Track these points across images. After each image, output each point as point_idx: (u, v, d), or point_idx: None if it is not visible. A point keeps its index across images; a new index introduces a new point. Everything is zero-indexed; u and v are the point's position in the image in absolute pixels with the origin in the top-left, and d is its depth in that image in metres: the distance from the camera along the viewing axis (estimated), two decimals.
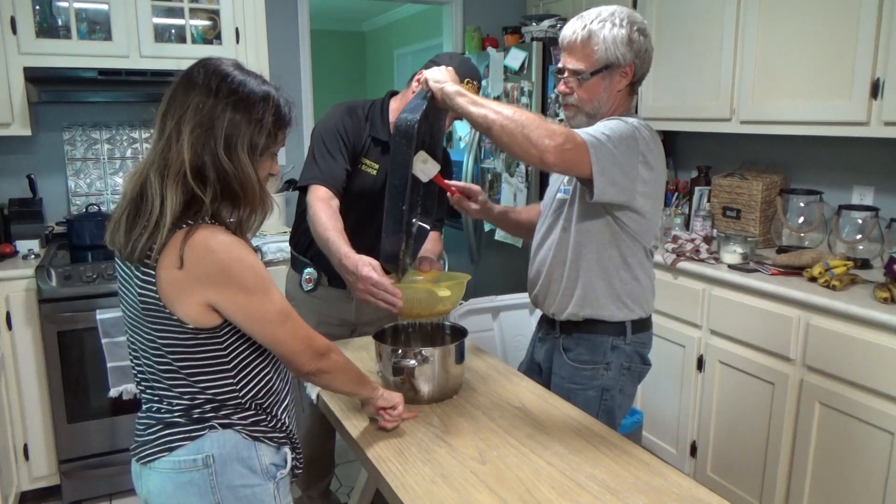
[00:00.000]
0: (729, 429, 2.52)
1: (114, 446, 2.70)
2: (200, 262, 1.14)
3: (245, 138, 1.18)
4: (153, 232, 1.14)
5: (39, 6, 2.75)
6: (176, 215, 1.14)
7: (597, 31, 1.60)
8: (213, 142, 1.16)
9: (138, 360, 1.26)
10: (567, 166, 1.51)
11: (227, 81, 1.19)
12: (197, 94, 1.18)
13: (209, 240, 1.15)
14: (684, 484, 1.27)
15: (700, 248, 2.71)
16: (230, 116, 1.17)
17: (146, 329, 1.20)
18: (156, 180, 1.16)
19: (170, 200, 1.14)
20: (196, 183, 1.16)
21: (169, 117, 1.19)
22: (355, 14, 7.00)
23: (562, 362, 1.76)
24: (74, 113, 3.13)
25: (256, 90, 1.21)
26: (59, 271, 2.56)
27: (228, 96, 1.18)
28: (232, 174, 1.18)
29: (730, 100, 2.72)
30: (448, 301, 1.66)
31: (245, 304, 1.18)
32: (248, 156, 1.19)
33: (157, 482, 1.23)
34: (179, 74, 1.23)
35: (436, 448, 1.40)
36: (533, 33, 3.42)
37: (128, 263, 1.20)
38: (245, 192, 1.20)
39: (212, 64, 1.22)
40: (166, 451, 1.22)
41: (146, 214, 1.15)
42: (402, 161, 1.57)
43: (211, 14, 3.03)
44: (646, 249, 1.71)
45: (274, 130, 1.23)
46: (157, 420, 1.24)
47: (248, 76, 1.22)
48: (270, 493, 1.28)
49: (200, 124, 1.16)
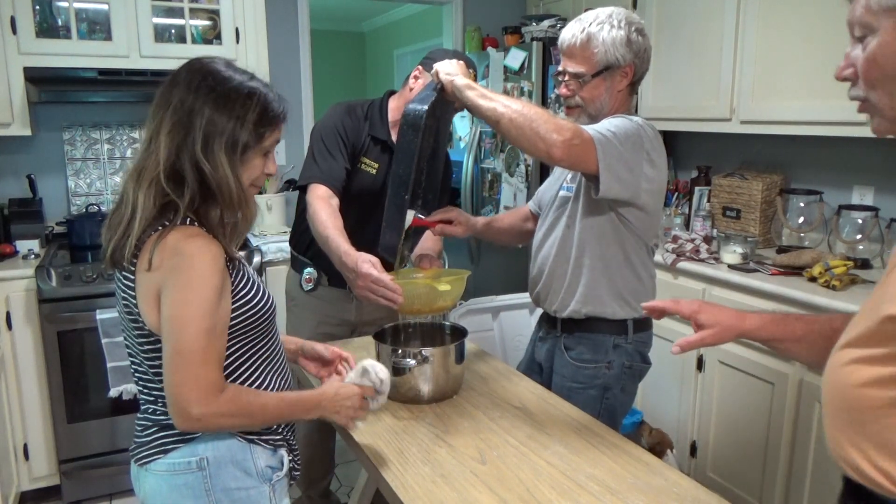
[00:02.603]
0: (729, 429, 2.52)
1: (114, 446, 2.70)
2: (164, 262, 1.11)
3: (224, 137, 1.14)
4: (124, 236, 1.13)
5: (39, 6, 2.75)
6: (148, 220, 1.12)
7: (595, 34, 1.62)
8: (190, 141, 1.13)
9: (134, 360, 1.26)
10: (574, 161, 1.52)
11: (209, 80, 1.16)
12: (178, 92, 1.15)
13: (179, 242, 1.12)
14: (684, 484, 1.27)
15: (700, 248, 2.71)
16: (209, 114, 1.14)
17: (135, 332, 1.20)
18: (130, 185, 1.15)
19: (141, 205, 1.12)
20: (170, 185, 1.13)
21: (153, 118, 1.17)
22: (355, 14, 7.00)
23: (563, 361, 1.76)
24: (74, 113, 3.13)
25: (239, 87, 1.17)
26: (59, 271, 2.56)
27: (208, 93, 1.14)
28: (209, 174, 1.14)
29: (730, 100, 2.72)
30: (448, 296, 1.66)
31: (171, 304, 1.10)
32: (226, 156, 1.15)
33: (152, 484, 1.23)
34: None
35: (436, 448, 1.40)
36: (533, 33, 3.42)
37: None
38: (222, 194, 1.15)
39: (197, 62, 1.20)
40: (161, 454, 1.21)
41: (118, 217, 1.15)
42: (408, 151, 1.56)
43: (211, 14, 3.03)
44: (648, 247, 1.72)
45: (257, 129, 1.17)
46: (153, 422, 1.24)
47: (235, 73, 1.19)
48: (266, 495, 1.27)
49: (179, 123, 1.14)
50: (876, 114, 0.85)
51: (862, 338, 0.83)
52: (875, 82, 0.82)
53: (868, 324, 0.82)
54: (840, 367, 0.86)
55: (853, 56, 0.84)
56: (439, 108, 1.66)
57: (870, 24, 0.81)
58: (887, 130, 0.86)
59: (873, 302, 0.83)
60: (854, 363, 0.83)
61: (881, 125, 0.86)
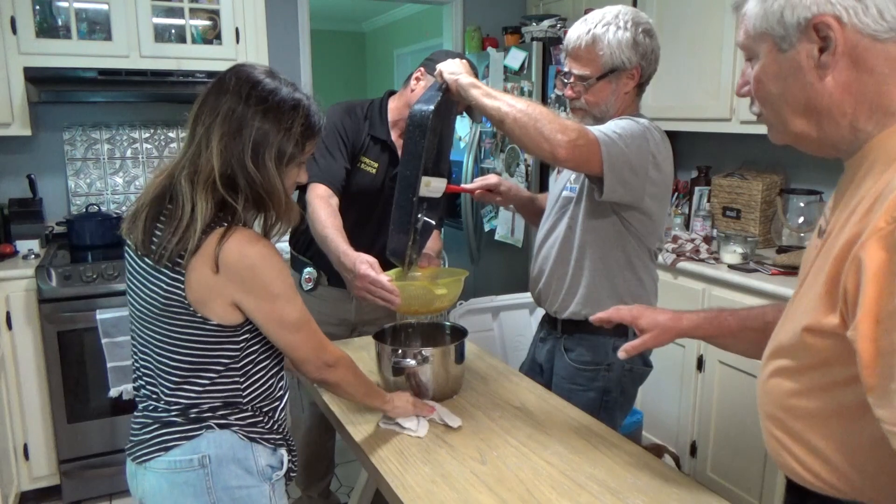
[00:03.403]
0: (729, 429, 2.52)
1: (114, 446, 2.69)
2: (233, 266, 1.16)
3: (273, 147, 1.19)
4: (183, 236, 1.15)
5: (39, 6, 2.75)
6: (206, 222, 1.16)
7: (601, 36, 1.59)
8: (240, 150, 1.18)
9: (144, 356, 1.26)
10: (578, 163, 1.50)
11: (258, 89, 1.20)
12: (227, 100, 1.19)
13: (243, 245, 1.17)
14: (684, 484, 1.27)
15: (700, 248, 2.71)
16: (259, 125, 1.18)
17: (163, 324, 1.21)
18: (186, 185, 1.18)
19: (200, 206, 1.16)
20: (226, 190, 1.17)
21: (199, 123, 1.20)
22: (355, 14, 7.00)
23: (563, 363, 1.75)
24: (74, 113, 3.13)
25: (287, 98, 1.21)
26: (59, 271, 2.56)
27: (258, 104, 1.19)
28: (259, 183, 1.19)
29: (730, 100, 2.72)
30: (445, 298, 1.66)
31: (267, 308, 1.21)
32: (274, 165, 1.20)
33: (152, 482, 1.23)
34: (212, 80, 1.24)
35: (436, 448, 1.40)
36: (533, 33, 3.42)
37: (146, 261, 1.21)
38: (272, 201, 1.22)
39: (244, 70, 1.23)
40: (162, 451, 1.22)
41: (176, 219, 1.16)
42: (415, 152, 1.55)
43: (211, 14, 3.03)
44: (650, 251, 1.71)
45: (302, 140, 1.23)
46: (154, 419, 1.24)
47: (281, 84, 1.23)
48: (266, 494, 1.28)
49: (229, 132, 1.18)
50: (772, 127, 0.93)
51: (783, 349, 0.87)
52: (763, 100, 0.90)
53: (787, 336, 0.86)
54: (767, 378, 0.90)
55: (748, 74, 0.91)
56: (444, 108, 1.65)
57: (751, 47, 0.88)
58: (782, 140, 0.93)
59: (793, 310, 0.87)
60: (778, 375, 0.88)
61: (776, 136, 0.94)
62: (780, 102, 0.87)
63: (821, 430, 0.84)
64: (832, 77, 0.81)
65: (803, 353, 0.83)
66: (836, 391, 0.81)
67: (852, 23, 0.78)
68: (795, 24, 0.81)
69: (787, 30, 0.82)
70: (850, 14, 0.78)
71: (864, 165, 0.82)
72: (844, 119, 0.83)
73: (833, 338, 0.78)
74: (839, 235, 0.79)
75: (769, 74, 0.87)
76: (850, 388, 0.78)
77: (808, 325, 0.80)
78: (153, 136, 3.25)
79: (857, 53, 0.79)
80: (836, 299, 0.76)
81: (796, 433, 0.87)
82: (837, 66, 0.81)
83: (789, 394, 0.86)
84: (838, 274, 0.76)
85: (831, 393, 0.82)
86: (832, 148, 0.89)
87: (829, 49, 0.80)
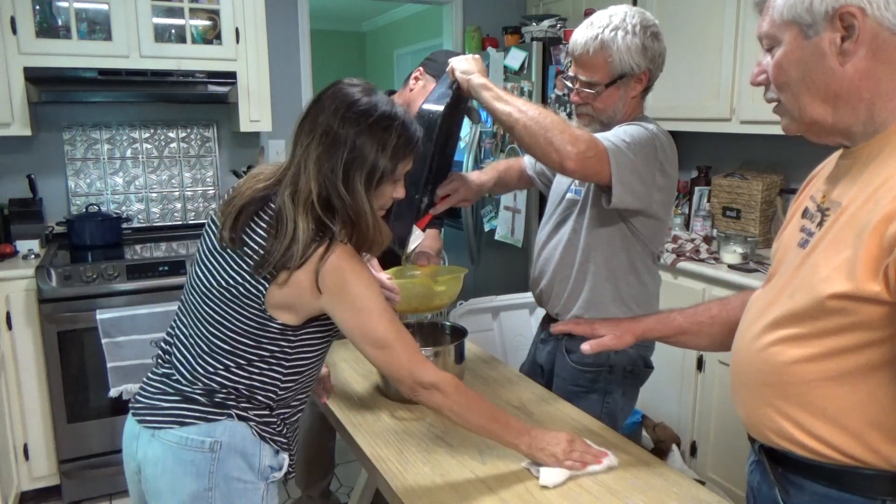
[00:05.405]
0: (729, 429, 2.52)
1: (114, 446, 2.69)
2: (327, 279, 1.18)
3: (365, 168, 1.20)
4: (287, 251, 1.17)
5: (39, 6, 2.75)
6: (307, 243, 1.17)
7: (609, 42, 1.55)
8: (333, 172, 1.18)
9: (191, 328, 1.27)
10: (587, 174, 1.48)
11: (353, 110, 1.20)
12: (324, 119, 1.20)
13: (342, 262, 1.19)
14: (684, 484, 1.27)
15: (700, 248, 2.71)
16: (352, 145, 1.19)
17: (226, 310, 1.22)
18: (289, 204, 1.19)
19: (301, 227, 1.17)
20: (323, 212, 1.19)
21: (299, 144, 1.22)
22: (355, 14, 7.00)
23: (564, 364, 1.75)
24: (74, 113, 3.13)
25: (382, 116, 1.21)
26: (59, 271, 2.56)
27: (352, 126, 1.19)
28: (349, 205, 1.20)
29: (730, 100, 2.72)
30: (445, 295, 1.66)
31: (352, 320, 1.22)
32: (363, 188, 1.20)
33: (157, 452, 1.24)
34: (313, 98, 1.26)
35: (436, 448, 1.40)
36: (533, 33, 3.42)
37: (229, 249, 1.22)
38: (359, 224, 1.22)
39: (340, 89, 1.23)
40: (177, 424, 1.23)
41: (282, 234, 1.18)
42: (422, 152, 1.55)
43: (211, 14, 3.03)
44: (653, 254, 1.70)
45: (395, 157, 1.22)
46: (176, 390, 1.25)
47: (376, 101, 1.23)
48: (260, 493, 1.29)
49: (325, 153, 1.19)
50: (786, 114, 0.97)
51: (789, 317, 0.92)
52: (783, 86, 0.94)
53: (798, 304, 0.90)
54: (766, 347, 0.95)
55: (764, 63, 0.96)
56: (453, 108, 1.62)
57: (775, 35, 0.93)
58: (796, 130, 0.98)
59: (799, 281, 0.91)
60: (782, 343, 0.93)
61: (790, 125, 0.98)
62: (801, 87, 0.92)
63: (832, 392, 0.89)
64: (852, 64, 0.87)
65: (823, 319, 0.87)
66: (851, 354, 0.87)
67: (875, 15, 0.84)
68: (823, 12, 0.87)
69: (815, 17, 0.88)
70: (874, 7, 0.84)
71: (887, 148, 0.88)
72: (861, 104, 0.89)
73: (872, 303, 0.82)
74: (866, 210, 0.84)
75: (792, 60, 0.91)
76: (870, 349, 0.85)
77: (836, 292, 0.84)
78: (153, 136, 3.25)
79: (876, 44, 0.86)
80: (878, 268, 0.81)
81: (803, 398, 0.91)
82: (857, 53, 0.86)
83: (797, 360, 0.91)
84: (879, 246, 0.81)
85: (846, 356, 0.87)
86: (842, 135, 0.94)
87: (851, 37, 0.86)
